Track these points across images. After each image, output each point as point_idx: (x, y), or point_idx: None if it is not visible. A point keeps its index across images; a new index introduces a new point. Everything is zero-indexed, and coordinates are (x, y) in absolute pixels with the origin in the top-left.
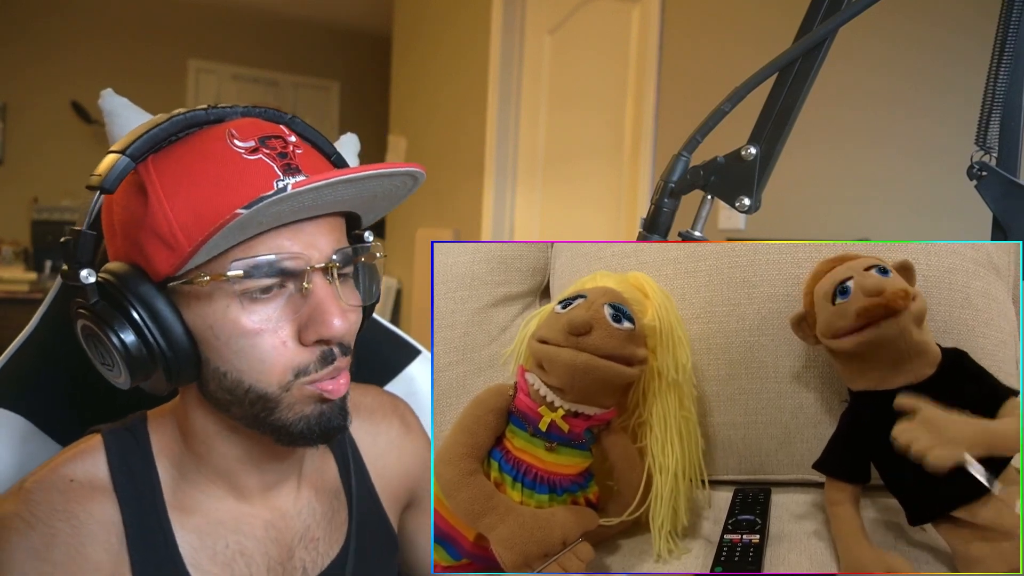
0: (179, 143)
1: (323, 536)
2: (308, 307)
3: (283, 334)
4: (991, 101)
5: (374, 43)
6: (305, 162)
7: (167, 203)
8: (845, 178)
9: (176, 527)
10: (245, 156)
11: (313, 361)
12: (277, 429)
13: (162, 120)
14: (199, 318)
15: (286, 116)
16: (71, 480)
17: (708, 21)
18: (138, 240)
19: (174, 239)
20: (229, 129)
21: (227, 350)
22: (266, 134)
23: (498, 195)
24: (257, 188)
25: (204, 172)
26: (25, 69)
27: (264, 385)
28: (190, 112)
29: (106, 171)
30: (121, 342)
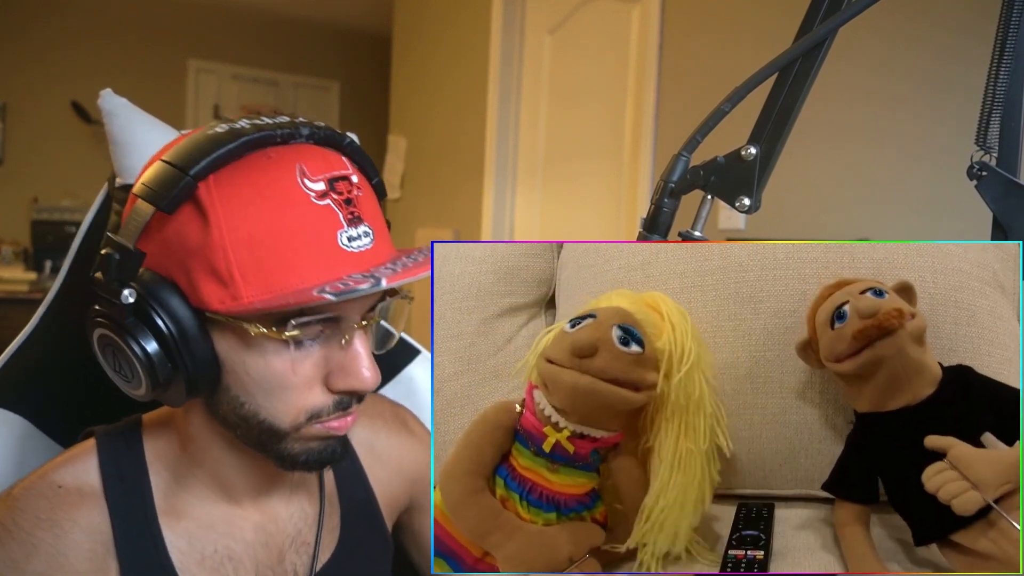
0: (243, 166)
1: (315, 540)
2: (342, 357)
3: (312, 379)
4: (991, 101)
5: (374, 43)
6: (365, 207)
7: (228, 237)
8: (845, 178)
9: (166, 532)
10: (314, 200)
11: (329, 405)
12: (279, 457)
13: (228, 139)
14: (236, 355)
15: (344, 139)
16: (59, 486)
17: (708, 21)
18: (185, 263)
19: (230, 277)
20: (300, 165)
21: (255, 387)
22: (334, 174)
23: (498, 195)
24: (321, 237)
25: (271, 212)
26: (25, 69)
27: (277, 422)
28: (259, 134)
29: (162, 187)
30: (148, 359)
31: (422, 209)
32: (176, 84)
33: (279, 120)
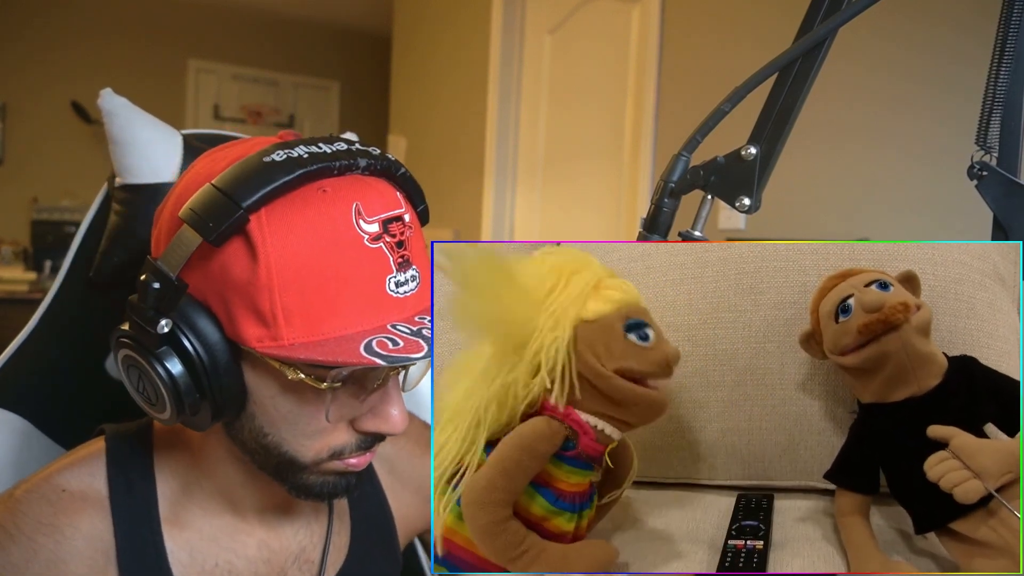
0: (297, 200)
1: (319, 558)
2: (373, 399)
3: (339, 419)
4: (991, 101)
5: (374, 43)
6: (415, 248)
7: (276, 278)
8: (845, 178)
9: (168, 542)
10: (367, 243)
11: (351, 443)
12: (296, 487)
13: (284, 171)
14: (266, 388)
15: (399, 169)
16: (63, 490)
17: (708, 21)
18: (226, 295)
19: (273, 318)
20: (357, 204)
21: (282, 422)
22: (389, 215)
23: (498, 195)
24: (371, 282)
25: (322, 253)
26: (25, 69)
27: (299, 456)
28: (318, 166)
29: (211, 216)
30: (175, 387)
31: None
32: (176, 84)
33: (336, 148)
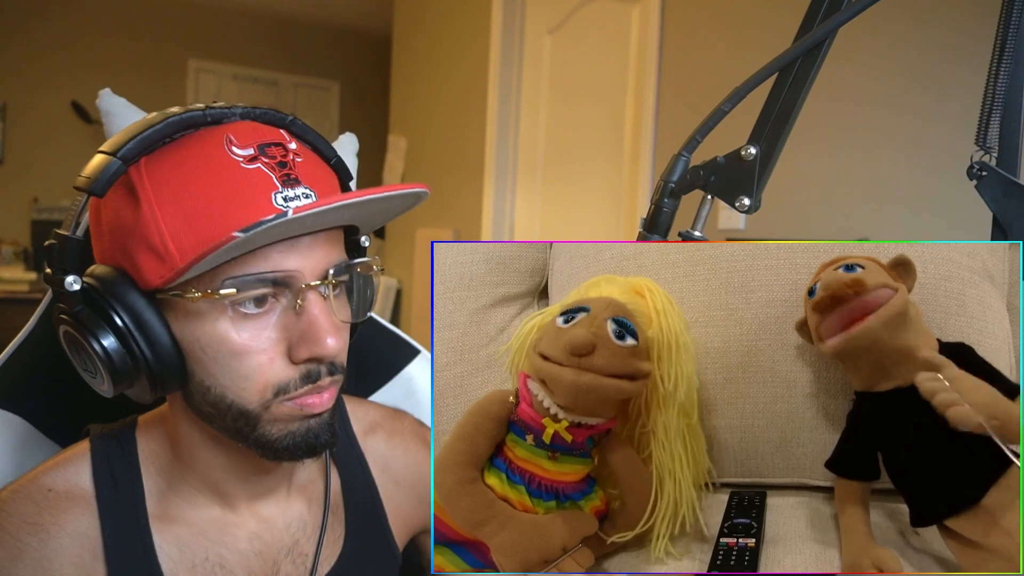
0: (173, 145)
1: (314, 551)
2: (301, 324)
3: (272, 352)
4: (991, 101)
5: (374, 43)
6: (305, 171)
7: (159, 212)
8: (845, 178)
9: (157, 537)
10: (243, 165)
11: (295, 379)
12: (261, 444)
13: (156, 121)
14: (187, 331)
15: (287, 118)
16: (49, 490)
17: (708, 21)
18: (126, 247)
19: (165, 250)
20: (227, 134)
21: (214, 365)
22: (266, 141)
23: (498, 195)
24: (254, 200)
25: (199, 180)
26: (25, 69)
27: (244, 402)
28: (186, 113)
29: (95, 173)
30: (104, 350)
31: (422, 209)
32: (176, 84)
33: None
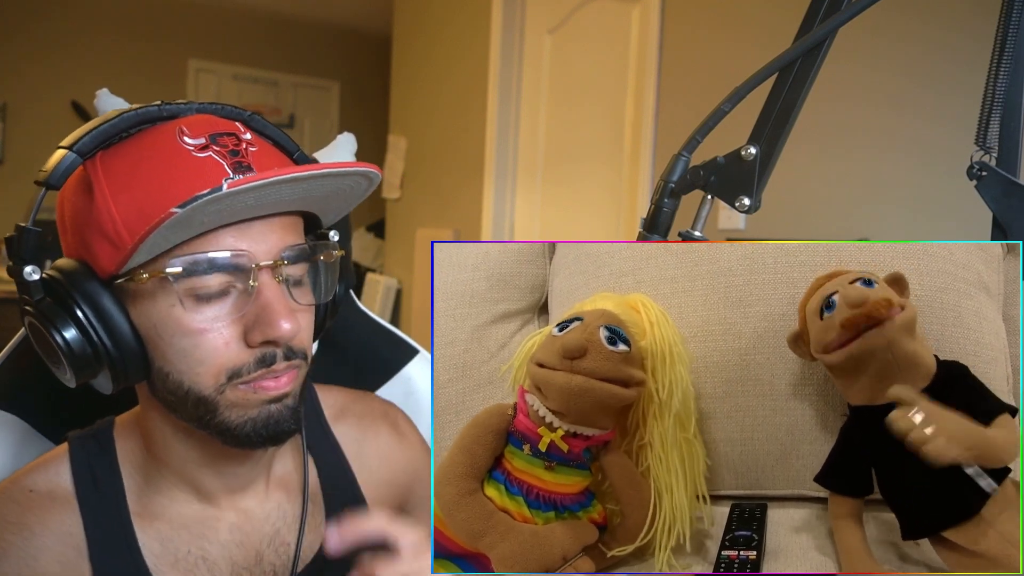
0: (130, 140)
1: (295, 540)
2: (254, 307)
3: (227, 335)
4: (991, 101)
5: (374, 43)
6: (259, 160)
7: (112, 200)
8: (845, 178)
9: (139, 534)
10: (194, 153)
11: (249, 363)
12: (222, 431)
13: (112, 116)
14: (144, 317)
15: (245, 113)
16: (30, 491)
17: (708, 21)
18: (85, 237)
19: (118, 237)
20: (180, 126)
21: (170, 350)
22: (218, 131)
23: (498, 195)
24: (204, 187)
25: (151, 169)
26: (25, 69)
27: (200, 387)
28: (141, 108)
29: (52, 167)
30: (64, 340)
31: (422, 209)
32: (176, 84)
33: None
